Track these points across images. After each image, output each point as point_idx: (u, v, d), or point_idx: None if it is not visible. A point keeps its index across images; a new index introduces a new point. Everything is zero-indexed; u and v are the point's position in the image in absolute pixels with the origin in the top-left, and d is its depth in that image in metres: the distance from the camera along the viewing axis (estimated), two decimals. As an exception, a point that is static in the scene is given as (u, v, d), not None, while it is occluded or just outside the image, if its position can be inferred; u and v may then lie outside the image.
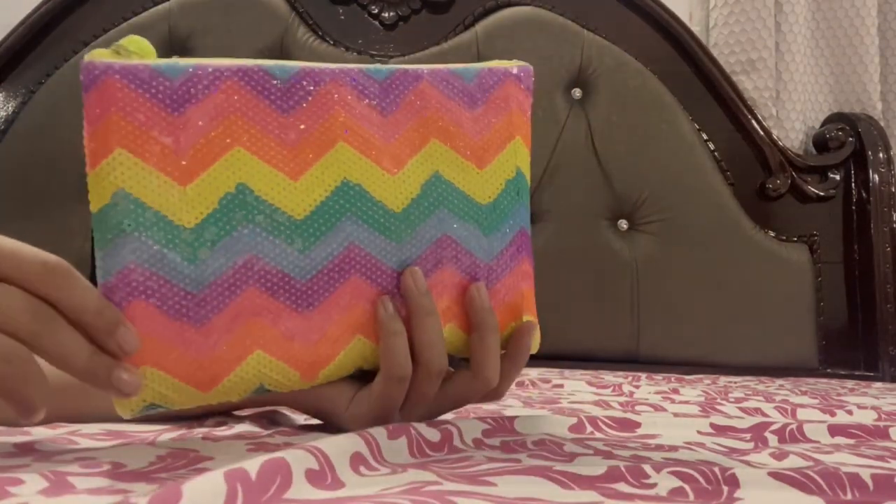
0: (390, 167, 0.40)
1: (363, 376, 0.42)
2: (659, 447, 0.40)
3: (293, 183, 0.38)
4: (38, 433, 0.39)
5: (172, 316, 0.35)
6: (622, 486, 0.29)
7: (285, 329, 0.38)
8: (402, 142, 0.41)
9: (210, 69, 0.37)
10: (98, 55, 0.36)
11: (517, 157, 0.45)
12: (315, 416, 0.47)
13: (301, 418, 0.50)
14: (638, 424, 0.47)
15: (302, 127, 0.38)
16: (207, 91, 0.36)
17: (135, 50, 0.37)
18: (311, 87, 0.39)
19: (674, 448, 0.40)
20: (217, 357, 0.36)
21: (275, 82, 0.38)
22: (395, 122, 0.41)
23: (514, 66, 0.48)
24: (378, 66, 0.42)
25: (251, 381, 0.37)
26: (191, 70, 0.36)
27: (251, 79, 0.38)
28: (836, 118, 1.47)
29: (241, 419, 0.46)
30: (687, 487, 0.29)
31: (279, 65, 0.39)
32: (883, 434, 0.47)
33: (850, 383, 1.12)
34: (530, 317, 0.45)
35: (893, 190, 1.40)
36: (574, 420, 0.47)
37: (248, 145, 0.37)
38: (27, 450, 0.34)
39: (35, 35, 1.33)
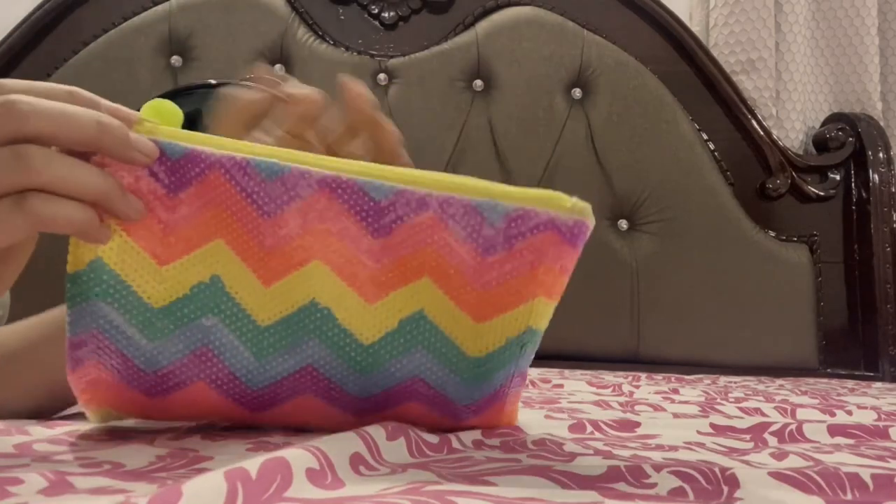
0: (368, 296, 0.36)
1: None
2: (659, 447, 0.40)
3: (264, 289, 0.36)
4: (38, 433, 0.39)
5: (125, 384, 0.37)
6: (622, 486, 0.29)
7: (232, 420, 0.40)
8: (390, 270, 0.36)
9: (203, 155, 0.35)
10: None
11: (531, 317, 0.37)
12: None
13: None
14: (638, 424, 0.47)
15: (282, 233, 0.35)
16: (200, 177, 0.35)
17: (154, 116, 0.36)
18: (299, 193, 0.35)
19: (674, 448, 0.40)
20: (171, 416, 0.40)
21: (261, 180, 0.35)
22: (385, 247, 0.35)
23: (567, 213, 0.35)
24: (382, 183, 0.35)
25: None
26: (189, 151, 0.35)
27: (237, 173, 0.35)
28: (836, 118, 1.47)
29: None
30: (687, 487, 0.29)
31: (268, 161, 0.35)
32: (883, 434, 0.47)
33: (850, 383, 1.12)
34: (507, 421, 0.43)
35: (893, 190, 1.40)
36: (574, 420, 0.47)
37: (230, 239, 0.36)
38: (26, 450, 0.34)
39: (35, 34, 1.33)
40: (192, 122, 0.50)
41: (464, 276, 0.36)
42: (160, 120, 0.36)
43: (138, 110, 0.55)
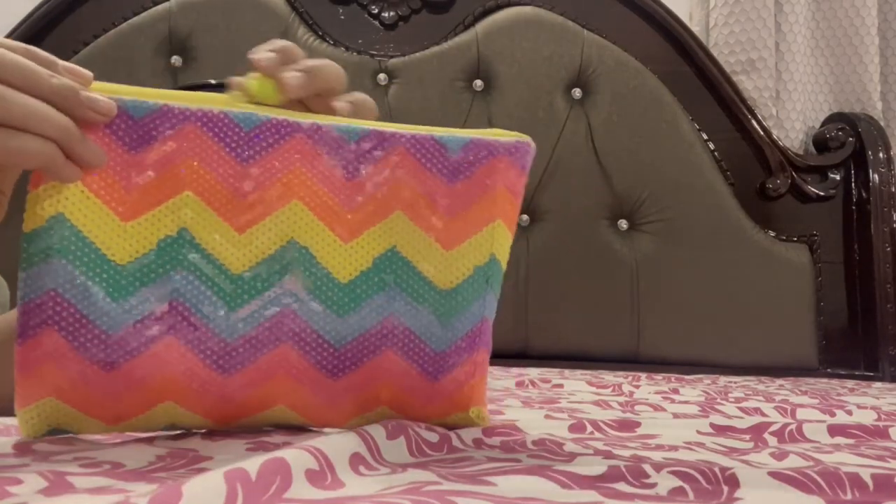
0: (344, 234, 0.38)
1: None
2: (659, 447, 0.40)
3: (238, 236, 0.36)
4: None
5: (82, 354, 0.34)
6: (622, 486, 0.29)
7: (200, 385, 0.36)
8: (363, 209, 0.38)
9: (175, 111, 0.36)
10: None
11: (494, 243, 0.40)
12: None
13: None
14: (638, 424, 0.47)
15: (259, 179, 0.36)
16: (168, 132, 0.35)
17: (257, 93, 0.38)
18: (276, 139, 0.37)
19: (674, 448, 0.40)
20: (123, 401, 0.36)
21: (239, 129, 0.36)
22: (359, 186, 0.38)
23: (511, 139, 0.40)
24: (355, 124, 0.39)
25: (160, 422, 0.37)
26: (155, 110, 0.35)
27: (214, 124, 0.36)
28: (836, 118, 1.47)
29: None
30: (687, 487, 0.29)
31: (246, 112, 0.37)
32: (883, 434, 0.47)
33: (850, 383, 1.12)
34: (478, 408, 0.41)
35: (893, 190, 1.40)
36: (574, 420, 0.47)
37: (200, 191, 0.36)
38: (26, 450, 0.34)
39: (36, 34, 1.33)
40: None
41: (434, 204, 0.39)
42: (261, 94, 0.38)
43: None
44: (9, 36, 1.32)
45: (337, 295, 0.37)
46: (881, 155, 1.40)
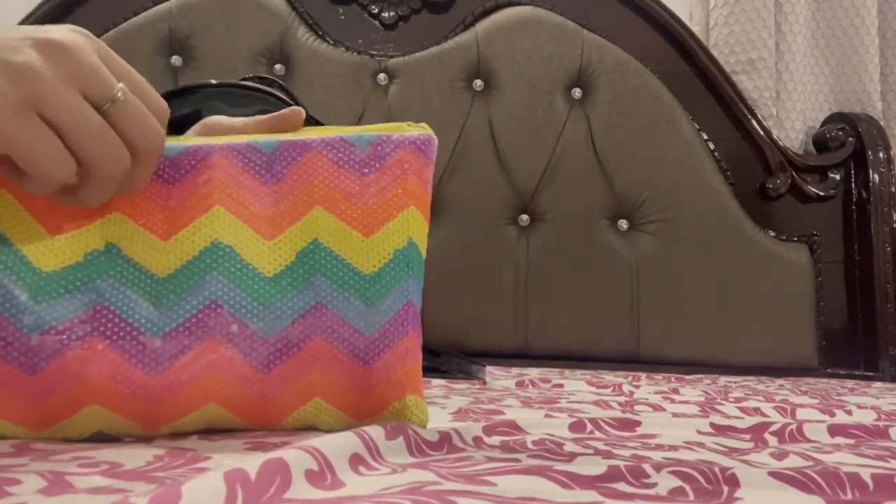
0: (267, 234, 0.40)
1: None
2: (659, 447, 0.40)
3: (163, 243, 0.39)
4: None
5: (6, 359, 0.35)
6: (622, 486, 0.29)
7: (127, 388, 0.36)
8: (284, 210, 0.41)
9: None
10: None
11: (410, 227, 0.42)
12: None
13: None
14: (638, 424, 0.47)
15: (183, 195, 0.40)
16: None
17: None
18: (198, 160, 0.40)
19: (674, 448, 0.40)
20: (46, 405, 0.36)
21: (165, 158, 0.40)
22: (278, 191, 0.41)
23: (414, 133, 0.44)
24: (269, 138, 0.43)
25: (87, 427, 0.37)
26: None
27: None
28: (836, 118, 1.47)
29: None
30: (687, 487, 0.29)
31: (171, 146, 0.41)
32: (883, 434, 0.47)
33: (850, 383, 1.12)
34: (414, 395, 0.41)
35: (893, 190, 1.40)
36: (574, 420, 0.47)
37: (127, 210, 0.39)
38: (25, 450, 0.34)
39: (35, 35, 1.33)
40: (193, 122, 0.50)
41: (349, 196, 0.41)
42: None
43: None
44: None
45: (263, 288, 0.39)
46: (881, 155, 1.40)
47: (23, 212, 0.38)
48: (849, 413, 0.60)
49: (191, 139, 0.42)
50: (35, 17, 1.33)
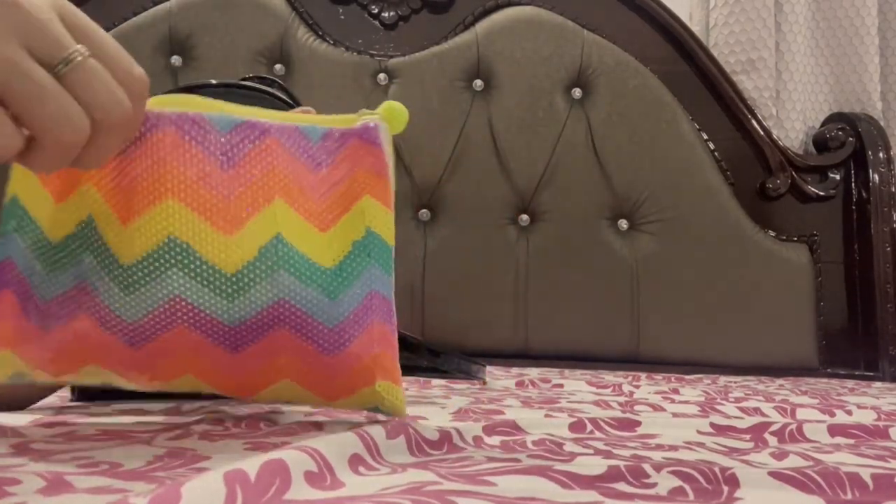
0: (226, 227, 0.38)
1: None
2: (659, 447, 0.40)
3: (123, 228, 0.38)
4: (35, 433, 0.39)
5: (27, 315, 0.38)
6: (622, 486, 0.29)
7: (114, 354, 0.39)
8: (243, 199, 0.39)
9: None
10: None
11: (367, 217, 0.41)
12: None
13: (300, 416, 0.50)
14: (638, 424, 0.47)
15: (134, 174, 0.38)
16: None
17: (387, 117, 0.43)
18: (150, 129, 0.38)
19: (674, 448, 0.40)
20: (58, 359, 0.39)
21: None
22: (236, 176, 0.39)
23: (359, 123, 0.43)
24: (225, 114, 0.39)
25: (93, 379, 0.41)
26: None
27: None
28: (836, 118, 1.47)
29: (238, 418, 0.46)
30: (687, 487, 0.29)
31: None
32: (883, 434, 0.47)
33: (850, 383, 1.12)
34: (385, 381, 0.41)
35: (893, 190, 1.40)
36: (574, 420, 0.47)
37: (97, 181, 0.38)
38: (24, 450, 0.34)
39: (35, 35, 1.33)
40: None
41: (304, 191, 0.41)
42: (390, 122, 0.42)
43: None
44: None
45: (225, 284, 0.38)
46: (881, 155, 1.40)
47: (34, 180, 0.38)
48: (849, 413, 0.60)
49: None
50: (35, 17, 1.33)
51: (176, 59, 1.34)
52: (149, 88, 0.36)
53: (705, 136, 1.40)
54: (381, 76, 1.36)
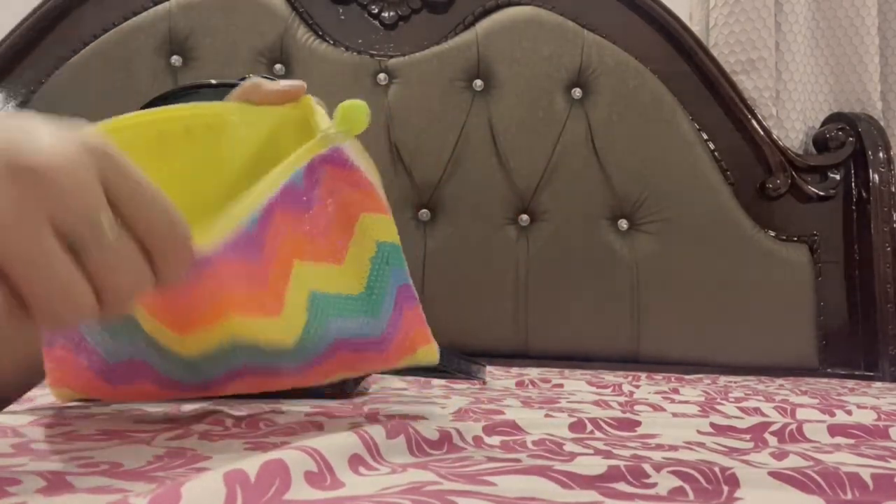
0: (273, 311, 0.40)
1: None
2: (659, 447, 0.40)
3: (179, 337, 0.39)
4: (35, 433, 0.39)
5: (88, 367, 0.42)
6: (622, 486, 0.29)
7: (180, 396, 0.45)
8: (274, 280, 0.40)
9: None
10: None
11: (371, 233, 0.43)
12: None
13: (300, 416, 0.50)
14: (638, 424, 0.47)
15: (188, 300, 0.38)
16: None
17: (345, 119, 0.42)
18: (199, 270, 0.36)
19: (674, 448, 0.40)
20: (125, 399, 0.45)
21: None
22: (263, 261, 0.39)
23: (325, 148, 0.42)
24: (246, 216, 0.38)
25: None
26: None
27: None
28: (836, 118, 1.47)
29: (238, 418, 0.46)
30: (687, 487, 0.29)
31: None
32: (883, 434, 0.47)
33: (850, 383, 1.12)
34: (424, 347, 0.46)
35: (893, 190, 1.40)
36: (574, 420, 0.47)
37: (145, 304, 0.38)
38: (24, 450, 0.34)
39: (35, 34, 1.33)
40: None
41: (310, 237, 0.41)
42: (352, 124, 0.42)
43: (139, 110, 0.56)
44: (9, 36, 1.32)
45: (290, 352, 0.41)
46: (881, 155, 1.40)
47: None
48: (849, 413, 0.60)
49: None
50: (35, 17, 1.33)
51: (176, 59, 1.34)
52: (192, 253, 0.32)
53: (705, 136, 1.40)
54: (381, 76, 1.36)
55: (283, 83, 0.46)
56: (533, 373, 1.02)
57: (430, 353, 0.46)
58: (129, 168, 0.29)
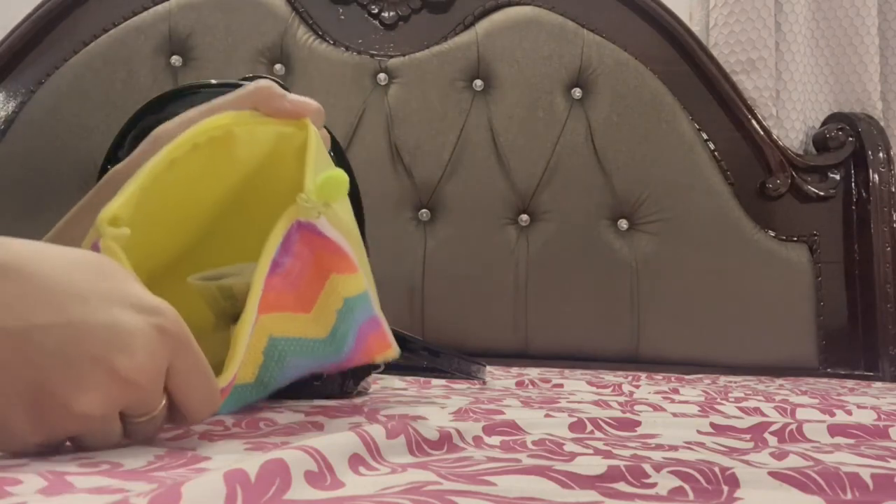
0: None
1: None
2: (659, 447, 0.40)
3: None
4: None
5: None
6: (622, 486, 0.29)
7: None
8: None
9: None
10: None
11: (340, 290, 0.44)
12: None
13: (300, 416, 0.50)
14: (638, 424, 0.47)
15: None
16: None
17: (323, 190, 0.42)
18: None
19: (674, 448, 0.40)
20: None
21: None
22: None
23: (303, 218, 0.43)
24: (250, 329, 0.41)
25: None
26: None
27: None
28: (836, 118, 1.47)
29: (238, 418, 0.46)
30: (687, 487, 0.29)
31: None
32: (883, 434, 0.47)
33: (850, 383, 1.12)
34: (383, 353, 0.49)
35: (893, 190, 1.40)
36: (574, 419, 0.47)
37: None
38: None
39: (35, 34, 1.33)
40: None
41: (281, 294, 0.42)
42: (329, 196, 0.42)
43: (139, 110, 0.58)
44: (9, 36, 1.32)
45: (248, 391, 0.42)
46: (881, 155, 1.40)
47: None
48: (849, 413, 0.60)
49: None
50: (35, 17, 1.33)
51: (176, 59, 1.34)
52: (216, 409, 0.37)
53: (705, 136, 1.40)
54: (381, 76, 1.36)
55: (295, 99, 0.46)
56: (533, 373, 1.02)
57: (387, 356, 0.49)
58: (191, 347, 0.34)
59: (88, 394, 0.30)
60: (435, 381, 0.84)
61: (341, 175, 0.43)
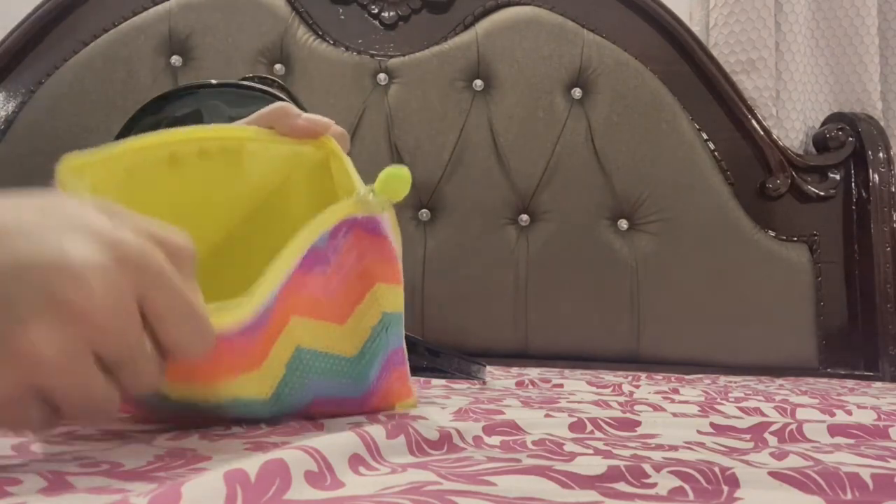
0: (253, 366, 0.38)
1: None
2: (659, 447, 0.40)
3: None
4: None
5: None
6: (622, 486, 0.29)
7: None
8: (264, 338, 0.38)
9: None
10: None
11: (380, 303, 0.42)
12: None
13: (300, 416, 0.50)
14: (638, 424, 0.47)
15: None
16: None
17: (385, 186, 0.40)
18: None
19: (674, 448, 0.40)
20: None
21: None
22: (264, 324, 0.37)
23: (362, 214, 0.40)
24: (273, 292, 0.37)
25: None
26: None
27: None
28: (836, 118, 1.47)
29: (238, 418, 0.46)
30: (687, 487, 0.29)
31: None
32: (883, 434, 0.47)
33: (850, 383, 1.12)
34: (404, 402, 0.47)
35: (893, 190, 1.40)
36: (574, 419, 0.47)
37: None
38: (25, 450, 0.34)
39: (35, 35, 1.33)
40: (193, 122, 0.50)
41: (318, 297, 0.40)
42: (393, 192, 0.40)
43: (139, 110, 0.57)
44: (9, 36, 1.32)
45: (264, 407, 0.40)
46: (881, 155, 1.40)
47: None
48: (849, 413, 0.60)
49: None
50: (35, 17, 1.33)
51: (176, 59, 1.34)
52: (209, 346, 0.33)
53: (705, 136, 1.40)
54: (381, 76, 1.36)
55: (310, 118, 0.46)
56: (533, 373, 1.02)
57: (407, 406, 0.47)
58: (164, 279, 0.30)
59: (35, 330, 0.27)
60: (435, 381, 0.84)
61: (406, 171, 0.40)
